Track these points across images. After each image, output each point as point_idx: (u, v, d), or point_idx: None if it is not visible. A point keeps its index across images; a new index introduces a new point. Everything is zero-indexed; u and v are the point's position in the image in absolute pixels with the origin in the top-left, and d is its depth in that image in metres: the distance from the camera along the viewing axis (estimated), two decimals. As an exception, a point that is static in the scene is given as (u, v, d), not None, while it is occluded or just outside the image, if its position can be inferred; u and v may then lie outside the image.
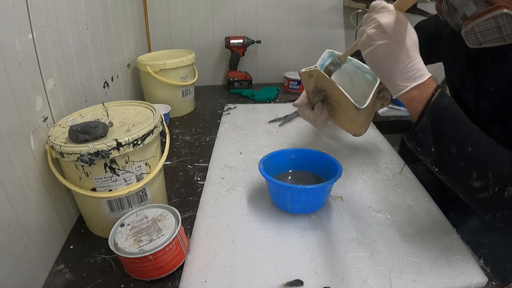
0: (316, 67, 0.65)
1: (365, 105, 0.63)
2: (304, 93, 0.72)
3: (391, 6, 0.47)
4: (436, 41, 0.77)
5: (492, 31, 0.51)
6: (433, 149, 0.49)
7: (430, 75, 0.49)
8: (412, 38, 0.48)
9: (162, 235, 0.54)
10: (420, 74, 0.48)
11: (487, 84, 0.60)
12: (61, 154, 0.54)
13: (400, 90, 0.48)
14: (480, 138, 0.49)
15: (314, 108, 0.70)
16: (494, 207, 0.51)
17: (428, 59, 0.52)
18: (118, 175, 0.58)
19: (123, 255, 0.51)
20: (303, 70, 0.64)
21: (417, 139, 0.50)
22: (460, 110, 0.50)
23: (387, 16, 0.46)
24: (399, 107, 1.36)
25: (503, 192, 0.47)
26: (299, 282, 0.53)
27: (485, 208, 0.52)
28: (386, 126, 1.21)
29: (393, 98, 0.52)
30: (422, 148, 0.50)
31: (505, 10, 0.47)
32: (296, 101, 0.73)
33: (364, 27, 0.49)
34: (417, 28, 0.76)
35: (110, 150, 0.54)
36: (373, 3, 0.48)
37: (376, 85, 0.68)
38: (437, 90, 0.48)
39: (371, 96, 0.66)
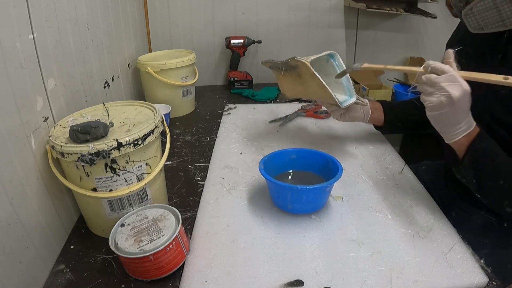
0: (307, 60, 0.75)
1: (345, 106, 0.78)
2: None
3: (460, 78, 0.53)
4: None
5: (491, 13, 0.52)
6: (473, 180, 0.58)
7: (475, 123, 0.58)
8: (470, 102, 0.54)
9: (163, 235, 0.54)
10: (469, 125, 0.57)
11: (498, 86, 0.60)
12: (62, 154, 0.54)
13: (453, 138, 0.57)
14: (511, 172, 0.56)
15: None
16: None
17: None
18: (119, 175, 0.58)
19: (123, 255, 0.51)
20: (298, 59, 0.75)
21: (462, 173, 0.60)
22: (497, 150, 0.58)
23: (457, 89, 0.52)
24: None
25: None
26: (299, 282, 0.53)
27: None
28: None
29: (446, 142, 0.60)
30: (465, 179, 0.60)
31: None
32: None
33: (433, 90, 0.54)
34: None
35: (111, 150, 0.54)
36: (442, 68, 0.53)
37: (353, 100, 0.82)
38: (479, 135, 0.57)
39: (353, 99, 0.81)
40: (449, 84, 0.53)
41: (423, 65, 0.57)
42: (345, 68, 0.80)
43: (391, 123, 0.90)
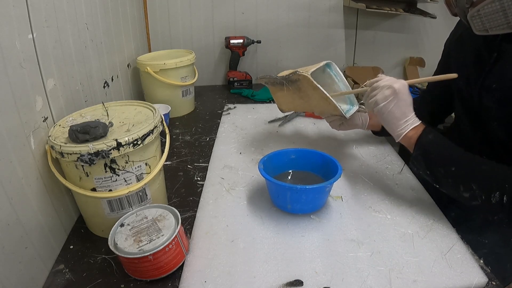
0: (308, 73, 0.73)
1: (349, 115, 0.79)
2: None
3: (397, 79, 0.64)
4: (446, 58, 0.81)
5: (498, 15, 0.53)
6: (427, 172, 0.63)
7: (421, 121, 0.65)
8: (411, 98, 0.64)
9: (162, 235, 0.54)
10: (414, 121, 0.64)
11: (491, 81, 0.62)
12: (61, 154, 0.54)
13: (402, 132, 0.64)
14: (461, 158, 0.60)
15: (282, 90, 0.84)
16: (489, 212, 0.65)
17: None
18: (118, 175, 0.58)
19: (122, 255, 0.51)
20: (299, 73, 0.73)
21: (415, 165, 0.65)
22: (444, 141, 0.62)
23: (397, 83, 0.63)
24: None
25: (489, 199, 0.55)
26: (299, 282, 0.53)
27: (483, 212, 0.66)
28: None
29: (396, 141, 0.66)
30: (421, 171, 0.64)
31: None
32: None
33: (377, 91, 0.64)
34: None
35: (110, 150, 0.54)
36: (380, 77, 0.66)
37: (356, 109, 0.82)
38: (425, 130, 0.63)
39: (356, 107, 0.82)
40: (389, 82, 0.63)
41: (364, 84, 0.69)
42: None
43: None
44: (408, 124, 0.63)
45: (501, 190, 0.54)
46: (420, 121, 0.64)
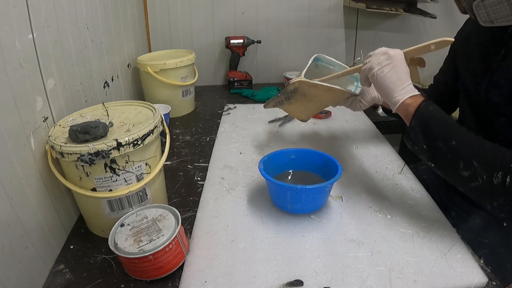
0: (299, 77, 0.74)
1: (359, 91, 0.79)
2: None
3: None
4: (453, 55, 0.81)
5: (502, 6, 0.53)
6: (424, 146, 0.57)
7: (420, 93, 0.61)
8: (407, 69, 0.62)
9: (162, 235, 0.54)
10: (413, 90, 0.61)
11: (499, 77, 0.62)
12: (61, 154, 0.54)
13: (399, 100, 0.60)
14: (463, 133, 0.55)
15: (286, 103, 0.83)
16: (489, 196, 0.54)
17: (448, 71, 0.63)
18: (118, 175, 0.58)
19: (123, 255, 0.51)
20: (293, 81, 0.74)
21: (411, 138, 0.59)
22: (445, 114, 0.58)
23: (392, 50, 0.62)
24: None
25: (491, 179, 0.50)
26: (299, 282, 0.53)
27: (481, 197, 0.56)
28: (386, 126, 1.21)
29: (393, 111, 0.62)
30: (417, 145, 0.59)
31: None
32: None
33: (371, 58, 0.64)
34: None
35: (110, 150, 0.54)
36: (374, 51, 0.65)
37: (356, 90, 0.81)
38: (425, 101, 0.59)
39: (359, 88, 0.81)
40: (384, 49, 0.63)
41: (362, 64, 0.67)
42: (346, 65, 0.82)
43: None
44: (406, 91, 0.60)
45: (505, 170, 0.49)
46: (420, 93, 0.61)
